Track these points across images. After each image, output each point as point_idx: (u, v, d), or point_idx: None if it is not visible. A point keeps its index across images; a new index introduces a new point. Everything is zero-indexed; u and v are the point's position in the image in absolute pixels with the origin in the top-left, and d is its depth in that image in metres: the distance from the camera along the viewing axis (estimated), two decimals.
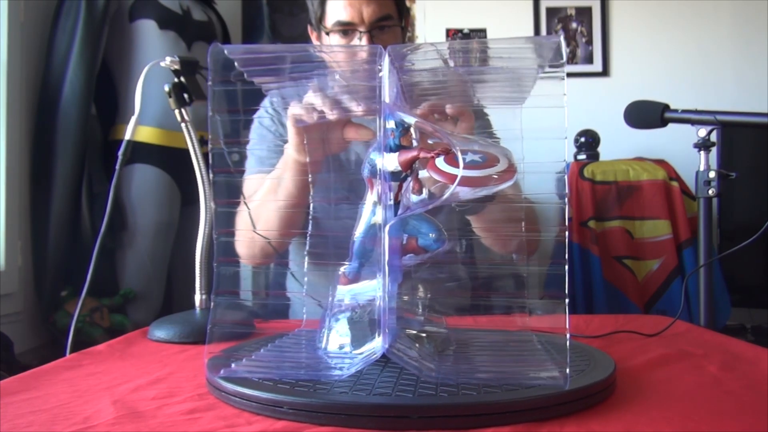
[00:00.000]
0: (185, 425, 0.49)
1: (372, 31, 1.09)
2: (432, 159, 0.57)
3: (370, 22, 1.08)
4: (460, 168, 0.53)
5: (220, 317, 0.62)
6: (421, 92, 0.70)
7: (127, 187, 1.98)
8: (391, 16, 1.11)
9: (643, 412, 0.51)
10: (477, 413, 0.48)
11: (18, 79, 1.87)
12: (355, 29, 1.09)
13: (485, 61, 0.62)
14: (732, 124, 1.00)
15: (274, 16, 2.80)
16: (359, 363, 0.55)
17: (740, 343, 0.77)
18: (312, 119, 0.73)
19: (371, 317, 0.58)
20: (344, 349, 0.59)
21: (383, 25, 1.10)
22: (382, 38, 1.10)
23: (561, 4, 2.73)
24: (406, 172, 0.59)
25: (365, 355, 0.55)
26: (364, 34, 1.08)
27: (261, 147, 1.10)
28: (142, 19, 2.03)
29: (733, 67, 2.67)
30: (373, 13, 1.08)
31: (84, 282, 0.94)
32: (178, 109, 0.93)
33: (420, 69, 0.63)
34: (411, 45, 0.60)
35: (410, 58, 0.62)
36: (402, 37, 1.16)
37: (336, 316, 0.61)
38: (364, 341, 0.57)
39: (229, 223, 0.74)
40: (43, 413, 0.52)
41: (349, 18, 1.08)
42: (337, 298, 0.63)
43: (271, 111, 1.15)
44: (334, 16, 1.09)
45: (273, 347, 0.67)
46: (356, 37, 1.09)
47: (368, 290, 0.60)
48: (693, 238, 2.04)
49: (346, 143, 0.76)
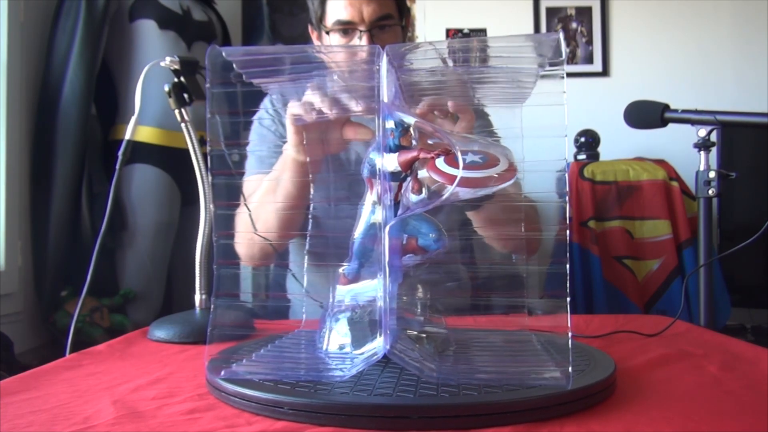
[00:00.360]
0: (185, 425, 0.49)
1: (372, 30, 1.09)
2: (432, 159, 0.57)
3: (370, 21, 1.08)
4: (460, 169, 0.53)
5: (220, 319, 0.62)
6: (420, 91, 0.70)
7: (127, 187, 1.98)
8: (392, 15, 1.11)
9: (643, 412, 0.51)
10: (477, 413, 0.48)
11: (18, 79, 1.87)
12: (356, 28, 1.09)
13: (485, 60, 0.62)
14: (732, 124, 1.00)
15: (274, 16, 2.79)
16: (360, 364, 0.55)
17: (740, 343, 0.77)
18: (311, 118, 0.73)
19: (372, 317, 0.58)
20: (344, 349, 0.59)
21: (383, 25, 1.10)
22: (382, 37, 1.10)
23: (561, 4, 2.73)
24: (406, 173, 0.59)
25: (366, 356, 0.55)
26: (365, 34, 1.08)
27: (261, 148, 1.10)
28: (142, 19, 2.03)
29: (733, 67, 2.67)
30: (373, 12, 1.08)
31: (84, 282, 0.94)
32: (178, 109, 0.93)
33: (419, 68, 0.63)
34: (410, 44, 0.60)
35: (409, 58, 0.62)
36: (402, 36, 1.16)
37: (336, 317, 0.61)
38: (365, 342, 0.57)
39: (228, 226, 0.74)
40: (43, 413, 0.52)
41: (350, 17, 1.08)
42: (337, 299, 0.63)
43: (271, 111, 1.15)
44: (335, 15, 1.10)
45: (273, 348, 0.67)
46: (356, 36, 1.09)
47: (368, 290, 0.60)
48: (693, 238, 2.04)
49: (345, 143, 0.76)
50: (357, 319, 0.60)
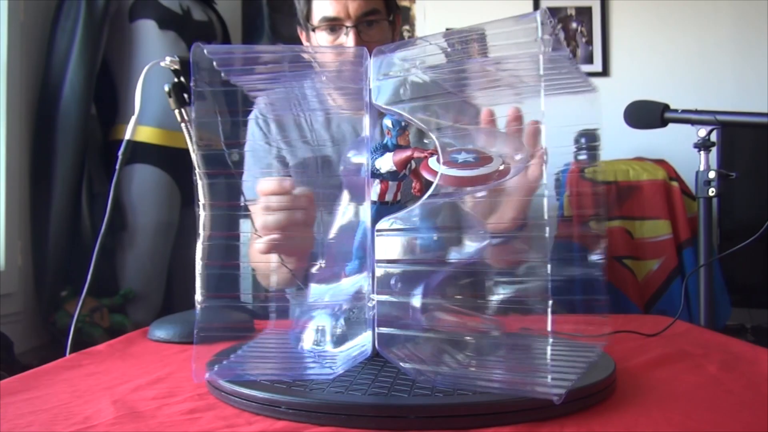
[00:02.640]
0: (185, 425, 0.49)
1: (359, 26, 1.08)
2: (425, 159, 0.57)
3: (357, 17, 1.07)
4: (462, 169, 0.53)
5: (205, 321, 0.61)
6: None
7: (127, 187, 1.98)
8: (378, 10, 1.10)
9: (643, 412, 0.51)
10: (478, 413, 0.48)
11: (18, 79, 1.87)
12: (342, 24, 1.08)
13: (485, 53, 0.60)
14: (732, 124, 1.00)
15: (274, 16, 2.79)
16: (347, 362, 0.55)
17: (740, 343, 0.77)
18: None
19: (356, 316, 0.58)
20: (325, 347, 0.59)
21: (370, 20, 1.09)
22: (369, 33, 1.09)
23: (561, 4, 2.73)
24: (403, 172, 0.60)
25: (353, 355, 0.55)
26: (351, 29, 1.07)
27: (255, 169, 1.07)
28: (142, 19, 2.03)
29: (733, 67, 2.66)
30: (359, 8, 1.07)
31: (84, 282, 0.94)
32: (178, 109, 0.93)
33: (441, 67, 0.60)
34: (396, 43, 0.58)
35: (411, 56, 0.60)
36: (391, 32, 1.15)
37: (312, 314, 0.61)
38: (345, 339, 0.57)
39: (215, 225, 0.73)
40: (43, 413, 0.52)
41: (335, 13, 1.07)
42: (314, 297, 0.62)
43: (261, 122, 1.13)
44: (320, 12, 1.09)
45: (254, 345, 0.66)
46: (343, 32, 1.08)
47: (348, 288, 0.60)
48: (693, 238, 2.04)
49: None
50: (353, 318, 0.59)
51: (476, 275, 0.65)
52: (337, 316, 0.60)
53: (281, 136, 1.11)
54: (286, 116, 1.01)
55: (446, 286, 0.60)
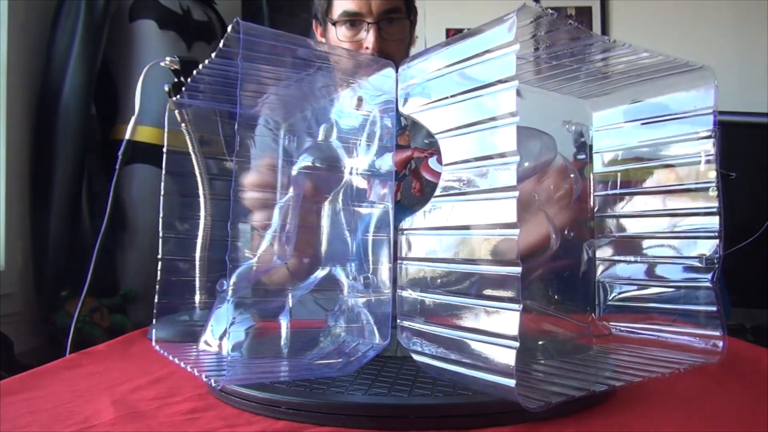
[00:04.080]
0: (185, 425, 0.49)
1: (380, 23, 1.09)
2: (425, 159, 0.57)
3: (378, 14, 1.08)
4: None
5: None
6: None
7: (127, 187, 1.97)
8: (399, 8, 1.12)
9: (643, 413, 0.51)
10: (478, 413, 0.48)
11: (18, 79, 1.87)
12: (363, 20, 1.09)
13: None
14: (732, 124, 1.00)
15: (274, 16, 2.79)
16: (357, 362, 0.55)
17: (740, 343, 0.77)
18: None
19: None
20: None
21: (391, 18, 1.10)
22: (389, 30, 1.10)
23: (561, 4, 2.73)
24: (403, 172, 0.60)
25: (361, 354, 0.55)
26: (372, 26, 1.08)
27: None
28: (142, 19, 2.03)
29: (733, 67, 2.66)
30: (381, 5, 1.08)
31: (84, 282, 0.94)
32: (178, 109, 0.93)
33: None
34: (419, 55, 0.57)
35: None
36: (410, 31, 1.16)
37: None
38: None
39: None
40: (43, 413, 0.52)
41: (357, 8, 1.08)
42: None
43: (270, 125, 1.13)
44: (341, 6, 1.09)
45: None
46: (363, 28, 1.09)
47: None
48: None
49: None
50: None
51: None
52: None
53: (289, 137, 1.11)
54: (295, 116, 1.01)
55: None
